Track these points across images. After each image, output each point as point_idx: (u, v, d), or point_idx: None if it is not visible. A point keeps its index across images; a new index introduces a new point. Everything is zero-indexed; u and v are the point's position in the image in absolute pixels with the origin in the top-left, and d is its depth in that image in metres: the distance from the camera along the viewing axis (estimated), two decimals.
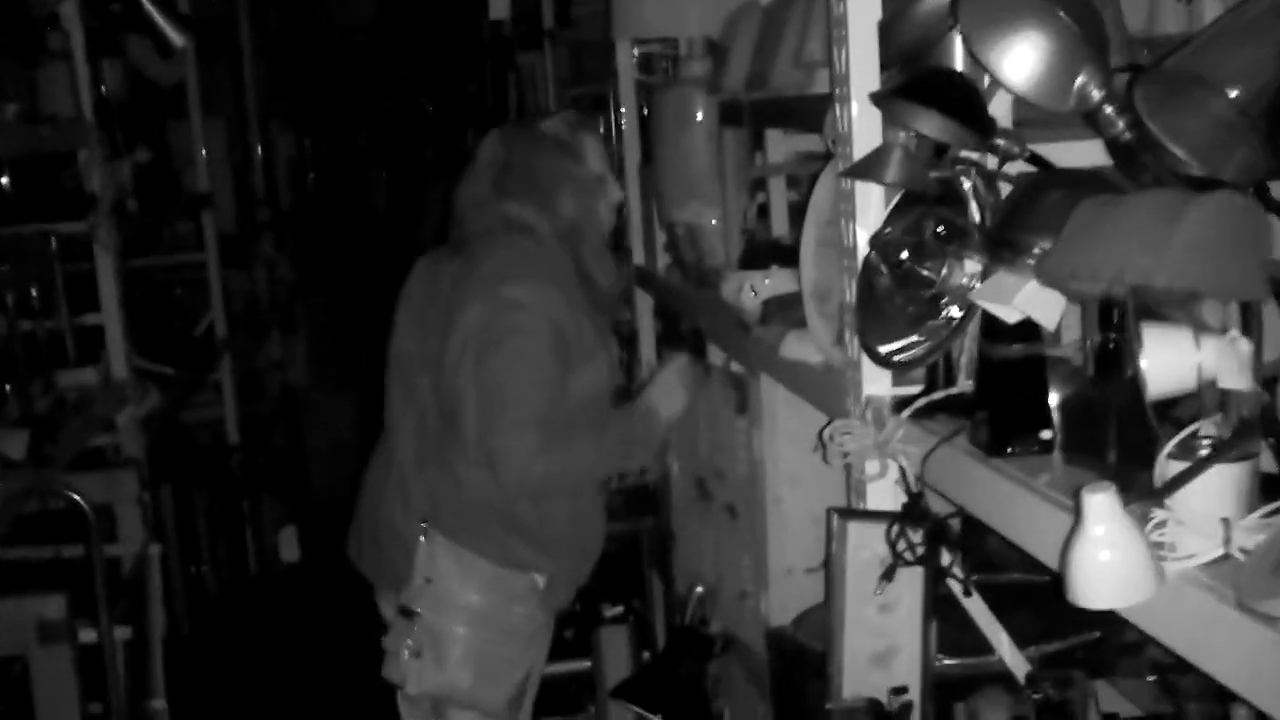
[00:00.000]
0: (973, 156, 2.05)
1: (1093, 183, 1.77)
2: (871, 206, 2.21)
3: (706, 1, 3.62)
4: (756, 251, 3.28)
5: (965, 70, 2.13)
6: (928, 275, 2.07)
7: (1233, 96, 1.64)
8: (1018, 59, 1.77)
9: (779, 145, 3.52)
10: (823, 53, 2.60)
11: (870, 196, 2.22)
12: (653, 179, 3.91)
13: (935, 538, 2.16)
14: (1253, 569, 1.35)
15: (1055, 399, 1.89)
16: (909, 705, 2.20)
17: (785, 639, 2.85)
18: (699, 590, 3.45)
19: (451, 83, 9.61)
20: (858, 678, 2.25)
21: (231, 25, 8.92)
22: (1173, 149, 1.58)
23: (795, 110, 2.92)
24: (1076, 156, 2.03)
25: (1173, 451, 1.44)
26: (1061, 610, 1.65)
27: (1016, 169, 2.02)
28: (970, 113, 1.97)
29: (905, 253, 2.11)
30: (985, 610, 2.28)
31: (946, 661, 2.35)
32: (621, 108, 4.37)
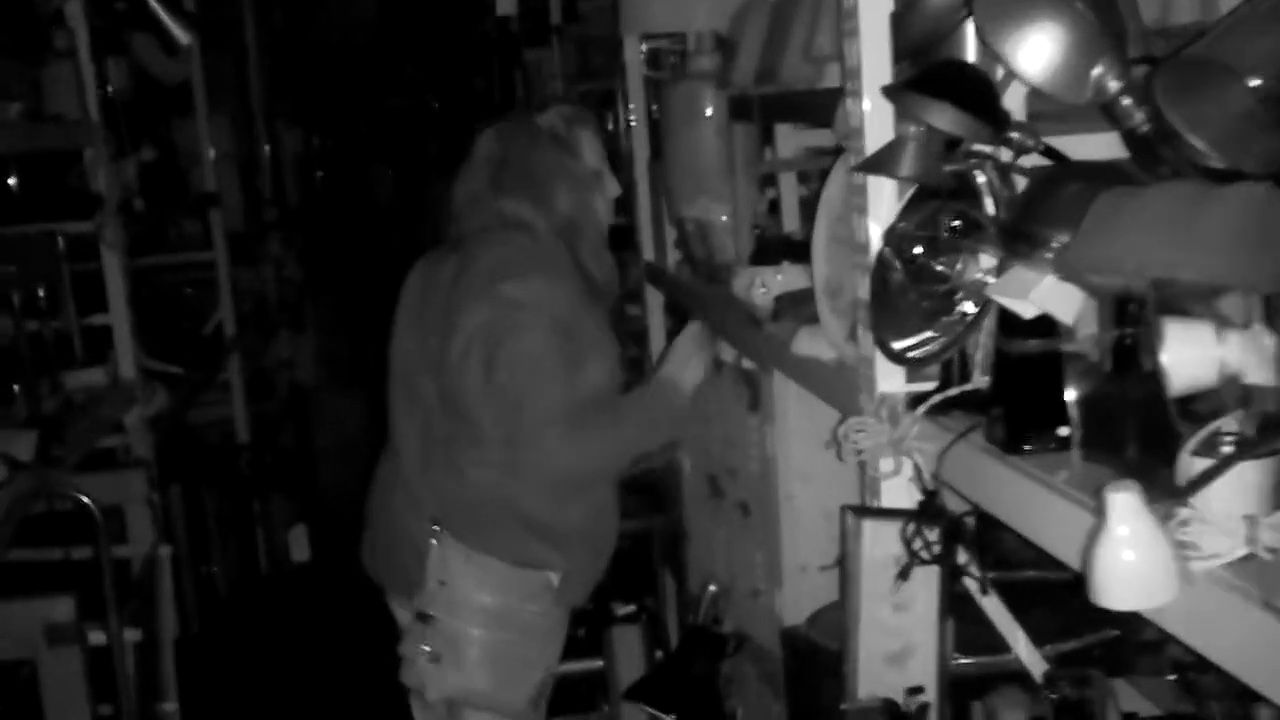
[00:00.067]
0: (986, 150, 2.03)
1: (1110, 175, 1.74)
2: (884, 201, 2.19)
3: None
4: (767, 247, 3.25)
5: (978, 62, 2.10)
6: (942, 270, 2.05)
7: (1253, 86, 1.61)
8: (1033, 50, 1.74)
9: (789, 140, 3.51)
10: (833, 46, 2.58)
11: (883, 191, 2.19)
12: (662, 175, 3.90)
13: (951, 536, 2.14)
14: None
15: (1072, 395, 1.86)
16: (925, 706, 2.18)
17: (799, 638, 2.83)
18: (712, 589, 3.43)
19: (458, 79, 9.60)
20: (873, 677, 2.23)
21: (237, 23, 8.90)
22: (1192, 140, 1.56)
23: (805, 105, 2.90)
24: (1091, 149, 2.01)
25: (1196, 448, 1.41)
26: (1078, 608, 1.63)
27: (1031, 162, 2.00)
28: (984, 105, 1.94)
29: (919, 247, 2.08)
30: (1002, 608, 2.25)
31: (962, 660, 2.33)
32: (630, 104, 4.37)
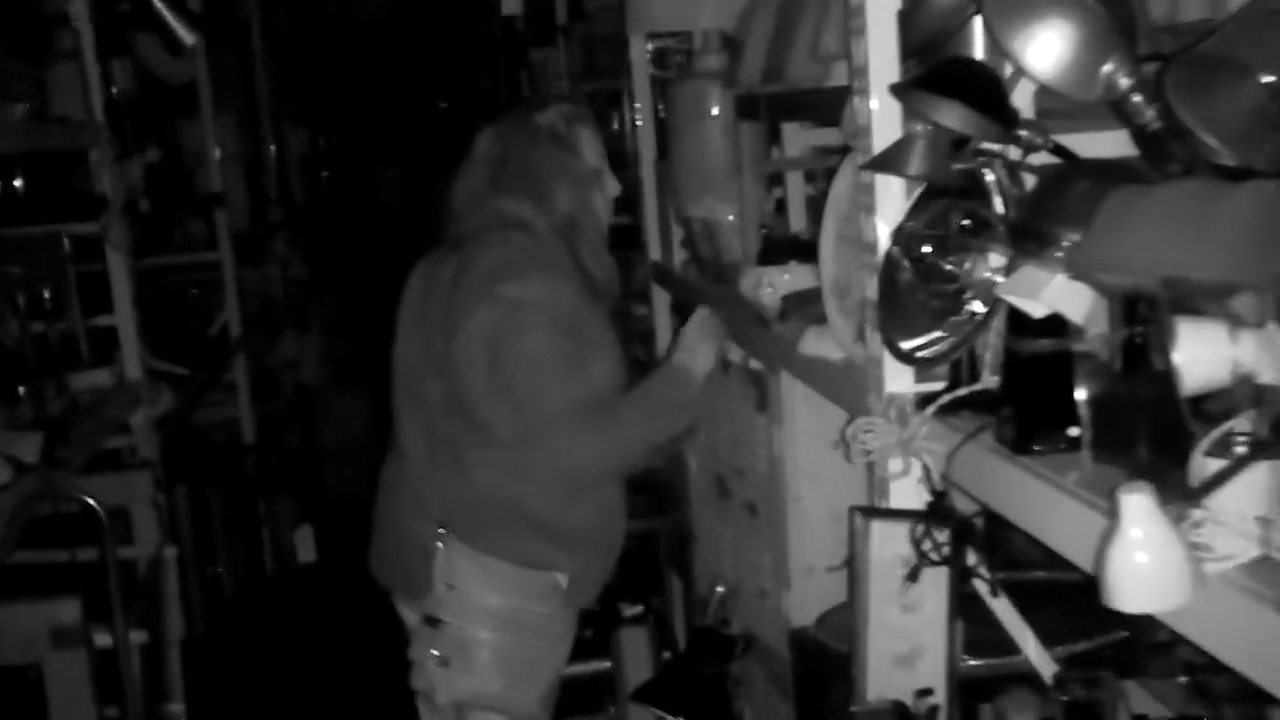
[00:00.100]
0: (994, 148, 2.01)
1: (1120, 173, 1.73)
2: (892, 200, 2.18)
3: None
4: (774, 247, 3.24)
5: (986, 59, 2.09)
6: (950, 269, 2.04)
7: (1265, 83, 1.60)
8: (1043, 47, 1.73)
9: (795, 139, 3.50)
10: (839, 45, 2.57)
11: (891, 190, 2.18)
12: (668, 174, 3.88)
13: (961, 537, 2.12)
14: None
15: (1083, 395, 1.85)
16: (935, 708, 2.17)
17: (807, 639, 2.82)
18: (720, 590, 3.42)
19: (464, 79, 9.59)
20: (882, 679, 2.22)
21: (242, 23, 8.90)
22: (1204, 138, 1.55)
23: (812, 103, 2.90)
24: (1098, 147, 2.00)
25: (1209, 449, 1.40)
26: (1088, 609, 1.62)
27: (1039, 160, 1.99)
28: (992, 103, 1.93)
29: (927, 247, 2.07)
30: (1011, 610, 2.24)
31: (972, 662, 2.31)
32: (636, 103, 4.36)
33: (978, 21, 2.11)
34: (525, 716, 3.25)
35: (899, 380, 2.21)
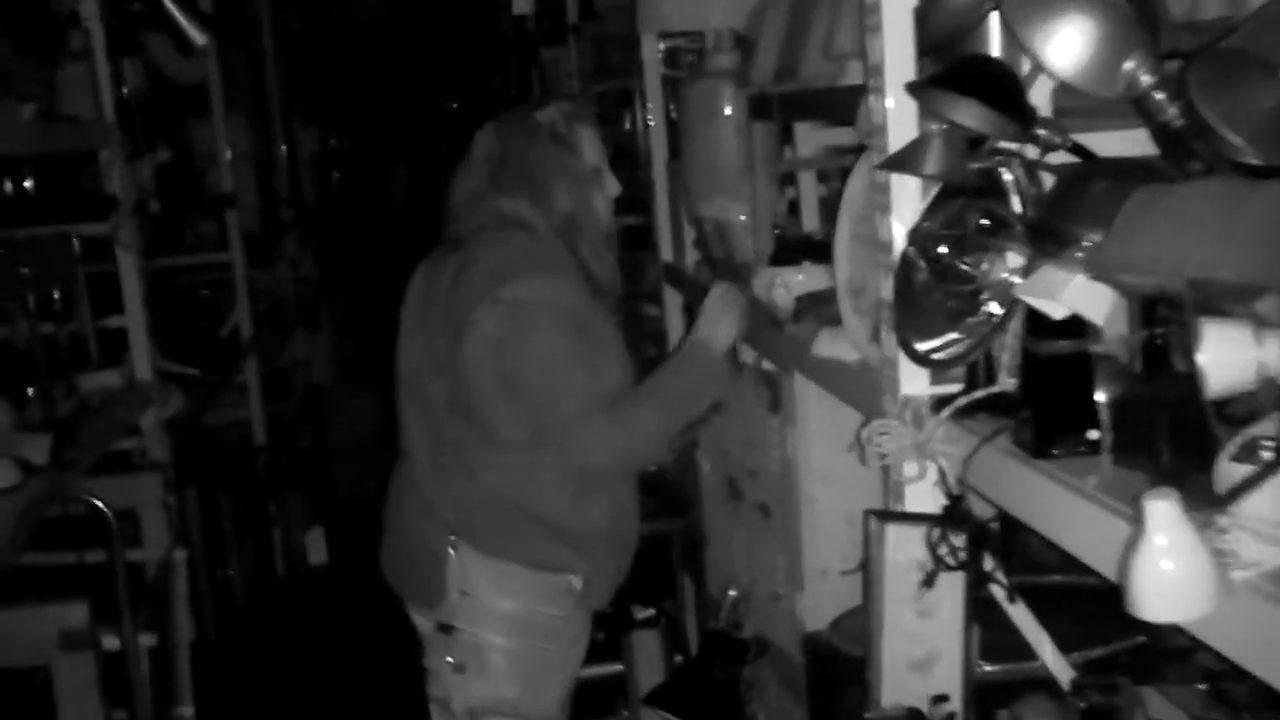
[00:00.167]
0: (1012, 147, 1.99)
1: (1140, 172, 1.70)
2: (908, 200, 2.16)
3: None
4: (787, 247, 3.22)
5: (1002, 56, 2.07)
6: (967, 270, 2.01)
7: None
8: (1063, 43, 1.70)
9: (808, 139, 3.48)
10: (853, 44, 2.55)
11: (906, 189, 2.16)
12: (680, 174, 3.87)
13: (978, 542, 2.10)
14: None
15: (1103, 397, 1.83)
16: (951, 715, 2.14)
17: (821, 644, 2.81)
18: (732, 593, 3.40)
19: (475, 79, 9.58)
20: (897, 685, 2.20)
21: (254, 23, 8.89)
22: (1228, 136, 1.52)
23: (826, 102, 2.88)
24: (1114, 146, 1.97)
25: (1235, 454, 1.37)
26: (1105, 613, 1.60)
27: (1057, 159, 1.97)
28: (1010, 101, 1.91)
29: (944, 247, 2.05)
30: (1028, 615, 2.22)
31: (988, 668, 2.29)
32: (647, 102, 4.35)
33: (994, 18, 2.09)
34: None
35: (914, 382, 2.19)
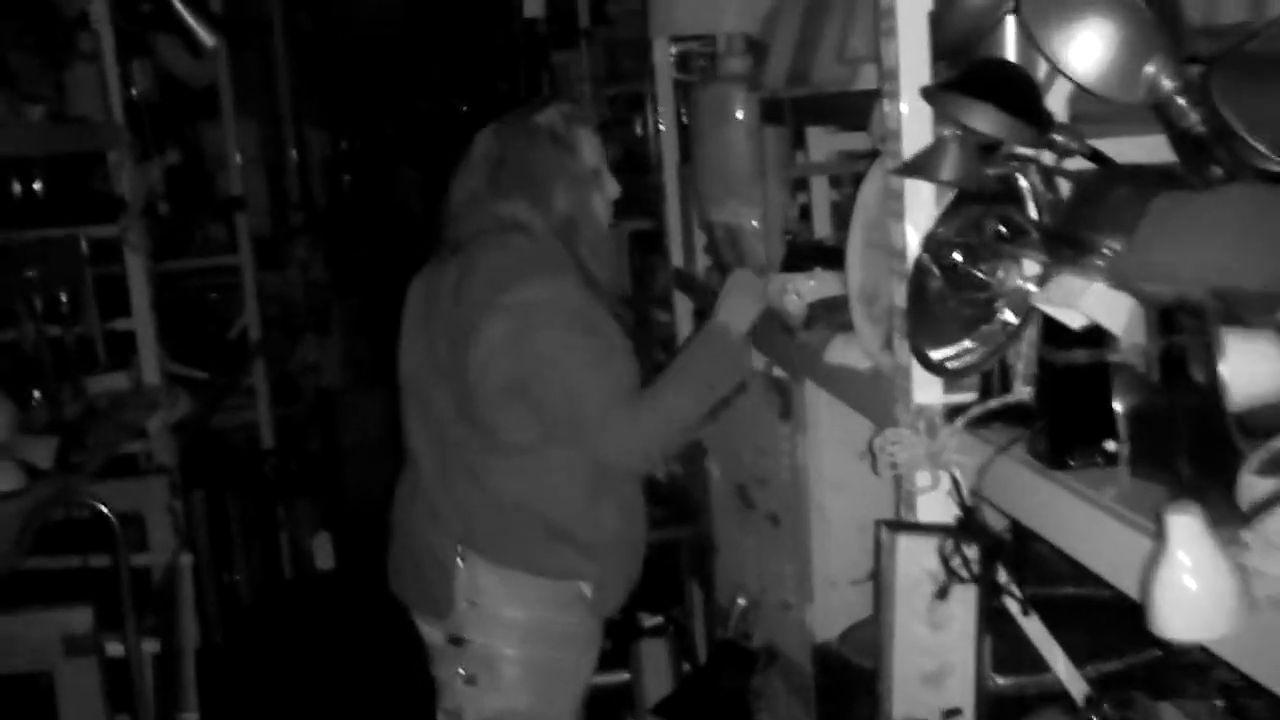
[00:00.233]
0: (1028, 153, 1.96)
1: (1161, 179, 1.67)
2: (922, 205, 2.12)
3: None
4: (799, 253, 3.19)
5: (1018, 61, 2.04)
6: (982, 277, 1.98)
7: None
8: (1083, 47, 1.67)
9: (821, 143, 3.45)
10: (867, 47, 2.53)
11: (921, 195, 2.13)
12: (691, 179, 3.85)
13: (992, 555, 2.07)
14: None
15: (1120, 407, 1.80)
16: None
17: (831, 655, 2.78)
18: (741, 602, 3.37)
19: (485, 82, 9.57)
20: (908, 698, 2.17)
21: (264, 25, 8.87)
22: (1252, 142, 1.49)
23: (839, 107, 2.86)
24: (1132, 152, 1.94)
25: (1258, 468, 1.34)
26: (1119, 625, 1.57)
27: (1073, 165, 1.94)
28: (1026, 106, 1.88)
29: (958, 254, 2.02)
30: (1042, 628, 2.18)
31: (1001, 681, 2.26)
32: (659, 107, 4.34)
33: (1010, 22, 2.06)
34: None
35: (928, 391, 2.16)
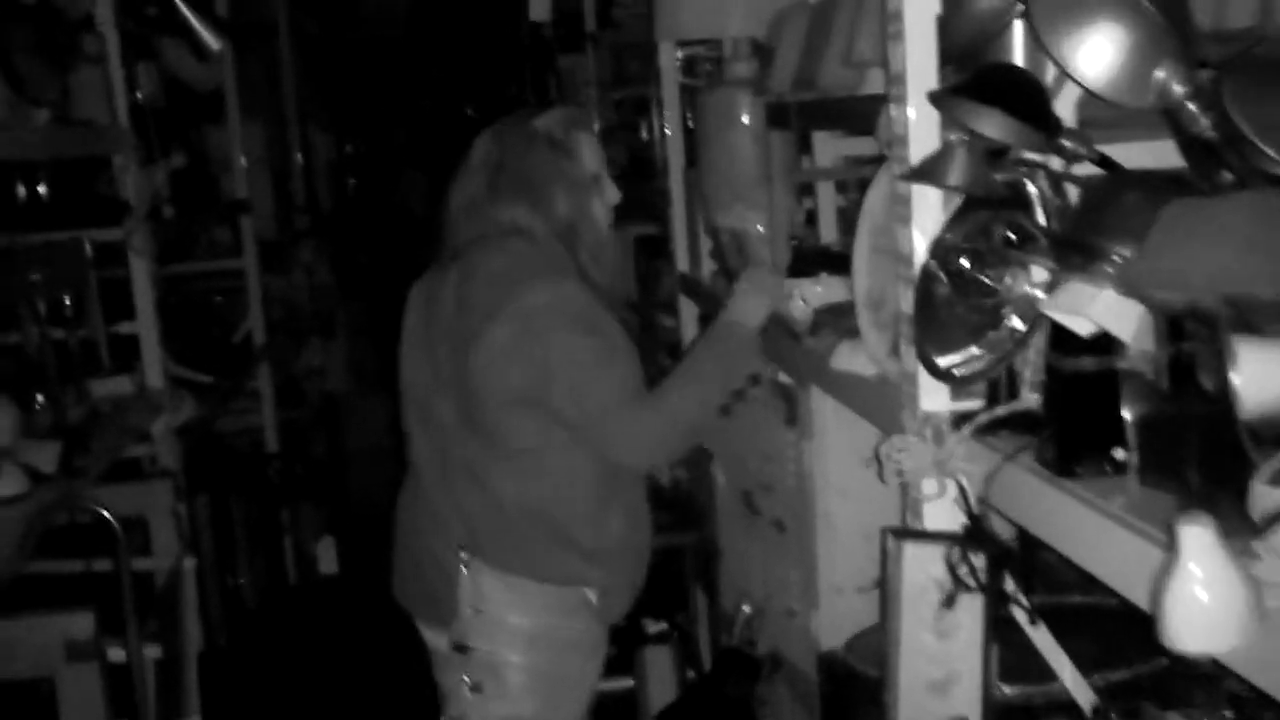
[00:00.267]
0: (1036, 158, 1.94)
1: (1171, 185, 1.65)
2: (929, 211, 2.11)
3: (750, 2, 3.55)
4: (805, 258, 3.18)
5: (1026, 65, 2.03)
6: (990, 283, 1.97)
7: None
8: (1093, 52, 1.65)
9: (827, 148, 3.44)
10: (874, 52, 2.51)
11: (927, 200, 2.11)
12: (697, 183, 3.84)
13: (999, 563, 2.05)
14: None
15: (1129, 415, 1.78)
16: None
17: (837, 662, 2.76)
18: (746, 610, 3.36)
19: (492, 86, 9.55)
20: (914, 706, 2.15)
21: (270, 29, 8.86)
22: (1264, 148, 1.47)
23: (845, 111, 2.84)
24: (1139, 157, 1.93)
25: (1271, 478, 1.32)
26: (1127, 634, 1.55)
27: (1082, 171, 1.92)
28: (1034, 111, 1.86)
29: (966, 260, 2.00)
30: (1049, 637, 2.17)
31: (1007, 690, 2.24)
32: (665, 111, 4.33)
33: (1018, 26, 2.04)
34: None
35: (934, 398, 2.14)
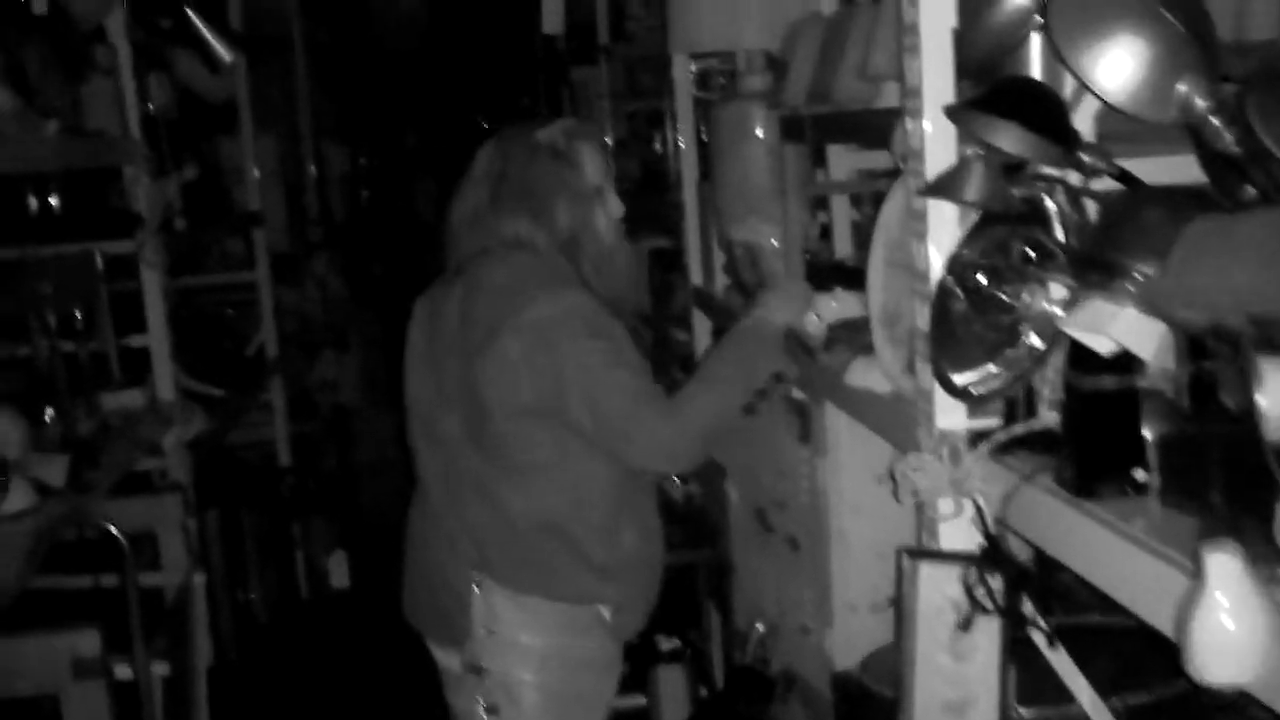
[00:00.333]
0: (1054, 173, 1.91)
1: (1194, 200, 1.62)
2: (945, 226, 2.08)
3: (764, 14, 3.54)
4: (819, 273, 3.16)
5: (1044, 79, 2.00)
6: (1007, 300, 1.93)
7: None
8: (1113, 65, 1.62)
9: (841, 161, 3.42)
10: (889, 65, 2.49)
11: (944, 215, 2.08)
12: (711, 196, 3.82)
13: (1017, 586, 2.02)
14: None
15: (1150, 435, 1.75)
16: None
17: (851, 682, 2.73)
18: (759, 628, 3.33)
19: (506, 98, 9.55)
20: None
21: (285, 40, 8.85)
22: None
23: (860, 125, 2.83)
24: (1161, 173, 1.89)
25: None
26: (1146, 656, 1.52)
27: (1101, 186, 1.89)
28: (1053, 125, 1.83)
29: (983, 275, 1.97)
30: (1068, 660, 2.13)
31: (1024, 712, 2.21)
32: (678, 124, 4.31)
33: (1036, 39, 2.02)
34: None
35: (950, 416, 2.11)
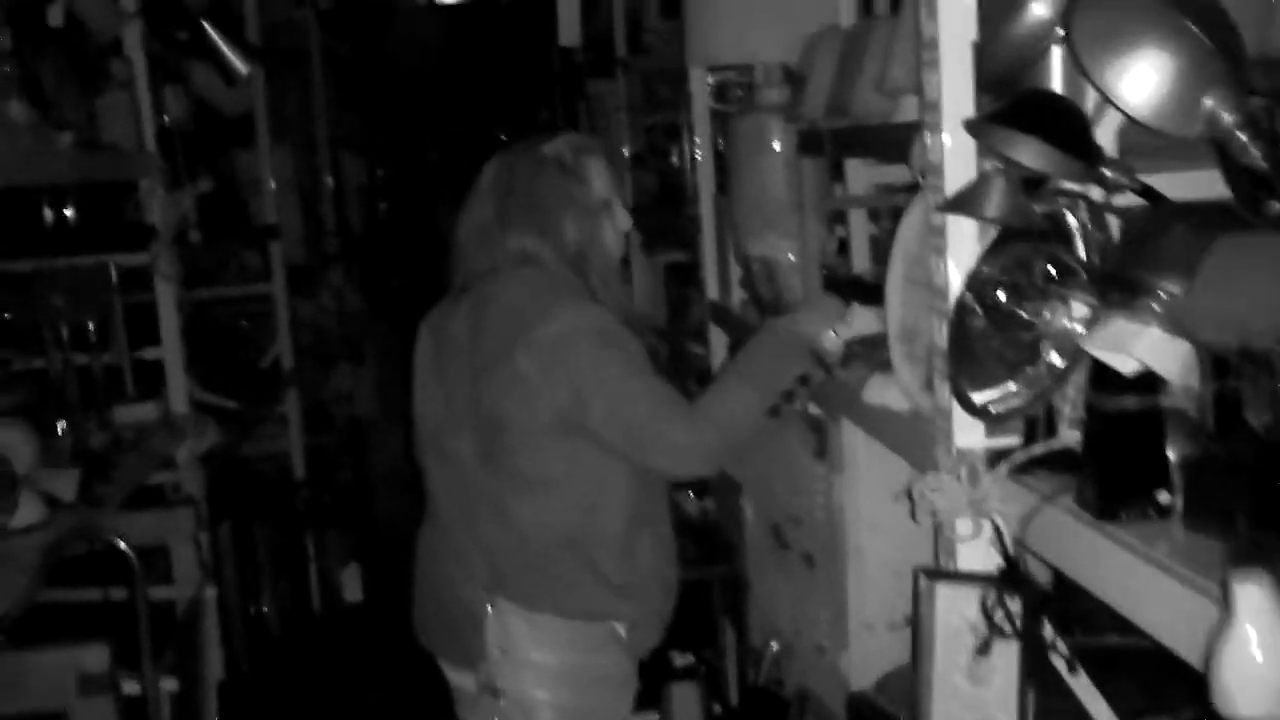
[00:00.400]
0: (1076, 188, 1.88)
1: (1219, 217, 1.59)
2: (965, 241, 2.05)
3: (782, 27, 3.51)
4: (837, 288, 3.12)
5: (1065, 93, 1.97)
6: (1028, 318, 1.90)
7: None
8: (1138, 79, 1.59)
9: (859, 176, 3.40)
10: (908, 78, 2.47)
11: (963, 231, 2.05)
12: (728, 210, 3.80)
13: (1037, 610, 1.98)
14: None
15: (1174, 457, 1.71)
16: None
17: (866, 704, 2.70)
18: (774, 646, 3.30)
19: (523, 110, 9.54)
20: None
21: (302, 53, 8.85)
22: None
23: (878, 139, 2.80)
24: (1184, 188, 1.86)
25: None
26: (1168, 679, 1.49)
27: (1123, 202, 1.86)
28: (1074, 140, 1.80)
29: (1003, 293, 1.94)
30: (1088, 684, 2.10)
31: None
32: (695, 137, 4.30)
33: (1057, 52, 1.99)
34: None
35: (969, 434, 2.08)
